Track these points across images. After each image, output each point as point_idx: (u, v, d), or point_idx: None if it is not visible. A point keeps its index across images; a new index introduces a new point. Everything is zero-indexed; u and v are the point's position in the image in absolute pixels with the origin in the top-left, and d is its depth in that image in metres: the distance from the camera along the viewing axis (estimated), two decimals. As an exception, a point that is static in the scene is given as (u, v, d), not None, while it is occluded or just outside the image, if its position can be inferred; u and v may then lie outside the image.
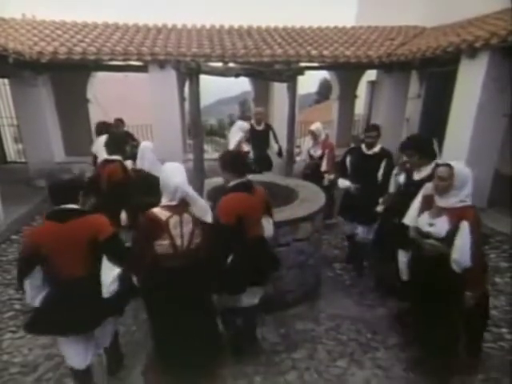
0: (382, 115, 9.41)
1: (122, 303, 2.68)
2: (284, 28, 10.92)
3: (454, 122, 6.85)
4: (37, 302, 2.39)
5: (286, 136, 5.14)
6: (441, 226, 2.77)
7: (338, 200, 5.40)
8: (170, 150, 8.29)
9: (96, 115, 11.50)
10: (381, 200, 4.23)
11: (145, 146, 4.49)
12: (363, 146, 4.54)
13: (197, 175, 3.72)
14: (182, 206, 2.61)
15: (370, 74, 10.94)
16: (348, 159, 4.71)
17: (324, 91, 31.33)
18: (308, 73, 6.07)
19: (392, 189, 4.11)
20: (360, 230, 4.67)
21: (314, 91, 38.52)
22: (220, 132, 30.45)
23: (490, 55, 6.07)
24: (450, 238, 2.70)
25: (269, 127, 6.59)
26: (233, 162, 2.99)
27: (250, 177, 3.33)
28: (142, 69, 8.62)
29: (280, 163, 6.62)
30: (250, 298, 3.07)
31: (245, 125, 6.06)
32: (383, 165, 4.35)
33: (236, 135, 5.96)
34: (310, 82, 16.06)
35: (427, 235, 2.88)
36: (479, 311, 2.96)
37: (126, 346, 3.43)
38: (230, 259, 2.80)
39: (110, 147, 4.24)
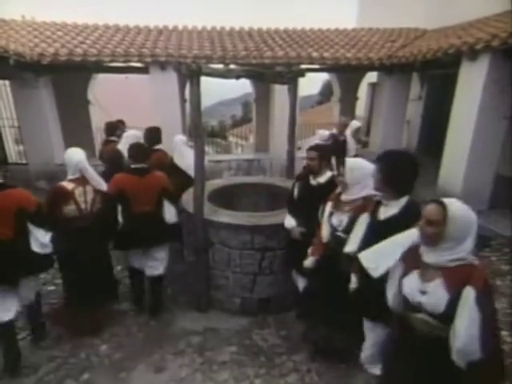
0: (383, 117, 9.41)
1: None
2: (285, 30, 10.92)
3: (454, 124, 6.84)
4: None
5: (287, 138, 5.15)
6: (437, 294, 1.85)
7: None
8: (170, 150, 8.30)
9: (97, 117, 11.52)
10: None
11: (179, 139, 5.23)
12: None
13: (197, 177, 3.72)
14: (84, 180, 3.39)
15: (371, 76, 10.95)
16: (296, 189, 3.62)
17: (327, 92, 31.33)
18: (310, 74, 6.10)
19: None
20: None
21: (316, 93, 38.60)
22: (221, 133, 30.47)
23: (490, 57, 6.07)
24: (450, 314, 1.80)
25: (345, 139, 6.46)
26: (131, 151, 3.75)
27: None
28: (143, 70, 8.63)
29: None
30: (138, 261, 3.86)
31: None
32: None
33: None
34: (311, 83, 16.05)
35: (417, 308, 1.96)
36: None
37: (126, 347, 3.45)
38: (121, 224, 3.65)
39: (152, 139, 5.19)
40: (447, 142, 6.98)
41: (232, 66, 8.21)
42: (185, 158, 4.84)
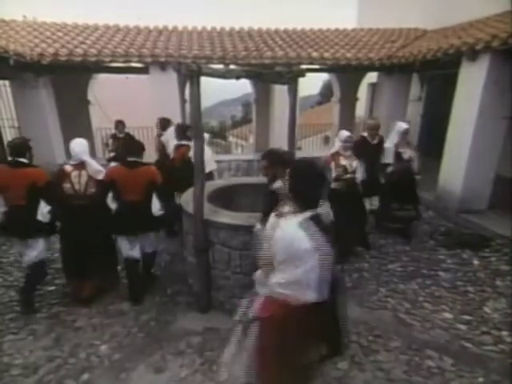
0: (383, 117, 9.37)
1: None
2: (285, 30, 10.92)
3: (454, 124, 6.85)
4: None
5: (287, 138, 5.14)
6: None
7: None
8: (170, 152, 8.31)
9: (97, 117, 11.52)
10: None
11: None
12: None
13: (197, 177, 3.72)
14: (82, 166, 3.93)
15: (371, 77, 10.95)
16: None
17: (327, 93, 31.31)
18: (310, 74, 6.09)
19: None
20: None
21: (316, 93, 38.56)
22: (221, 134, 30.49)
23: (490, 58, 6.07)
24: None
25: (382, 141, 5.86)
26: (125, 146, 4.49)
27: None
28: (143, 71, 8.64)
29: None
30: (126, 249, 4.14)
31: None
32: None
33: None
34: (312, 83, 16.07)
35: None
36: None
37: (126, 348, 3.45)
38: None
39: (180, 135, 5.71)
40: (447, 142, 6.98)
41: (232, 67, 8.22)
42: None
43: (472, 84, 6.39)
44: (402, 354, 3.37)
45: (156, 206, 4.11)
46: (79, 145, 4.01)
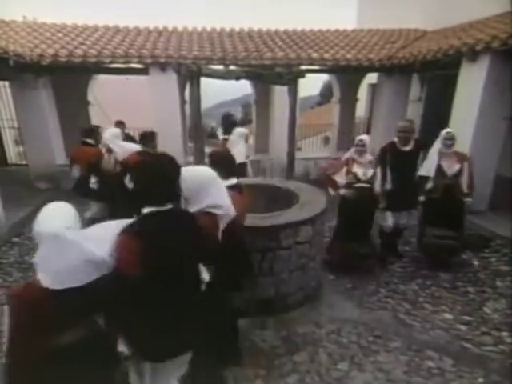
0: (383, 118, 9.42)
1: None
2: (285, 31, 10.93)
3: (454, 124, 6.84)
4: None
5: (287, 138, 5.16)
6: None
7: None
8: (170, 152, 8.28)
9: (97, 118, 11.51)
10: None
11: (241, 132, 6.69)
12: None
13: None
14: (110, 151, 4.94)
15: (371, 77, 10.95)
16: None
17: (327, 93, 31.29)
18: (310, 75, 6.09)
19: None
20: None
21: (316, 93, 38.53)
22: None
23: (490, 58, 6.07)
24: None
25: (419, 147, 4.82)
26: (144, 137, 4.99)
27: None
28: (143, 71, 8.63)
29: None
30: None
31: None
32: None
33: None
34: (311, 84, 16.05)
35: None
36: None
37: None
38: None
39: (227, 130, 6.48)
40: (447, 142, 6.98)
41: (232, 67, 8.22)
42: (235, 147, 6.09)
43: (472, 84, 6.40)
44: (402, 355, 3.37)
45: None
46: (108, 133, 5.05)
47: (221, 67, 8.13)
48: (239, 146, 6.32)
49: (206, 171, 2.42)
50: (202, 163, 3.78)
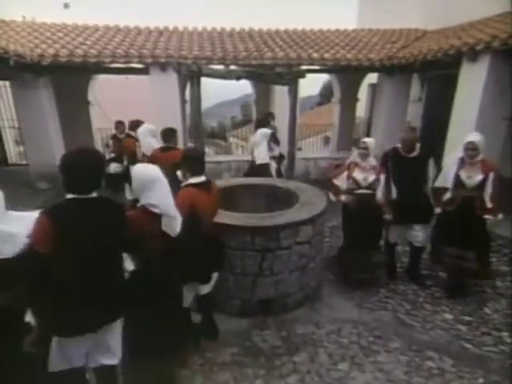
0: (383, 118, 9.42)
1: None
2: (285, 31, 10.93)
3: (455, 124, 6.84)
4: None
5: (287, 138, 5.16)
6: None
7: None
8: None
9: (97, 117, 11.52)
10: None
11: (264, 132, 6.34)
12: None
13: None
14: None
15: (371, 77, 10.94)
16: None
17: (326, 93, 31.30)
18: (310, 75, 6.09)
19: None
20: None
21: (316, 94, 38.53)
22: (221, 134, 30.47)
23: (491, 58, 6.07)
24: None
25: (426, 154, 4.34)
26: (165, 133, 4.78)
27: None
28: (144, 71, 8.63)
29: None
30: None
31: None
32: None
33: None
34: (311, 84, 16.04)
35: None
36: None
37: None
38: None
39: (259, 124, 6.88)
40: (448, 142, 6.98)
41: (232, 67, 8.22)
42: (257, 148, 6.26)
43: (472, 84, 6.39)
44: (403, 355, 3.37)
45: None
46: (141, 128, 5.61)
47: (221, 67, 8.12)
48: (261, 147, 6.30)
49: (149, 172, 2.58)
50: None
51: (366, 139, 4.43)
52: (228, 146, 25.67)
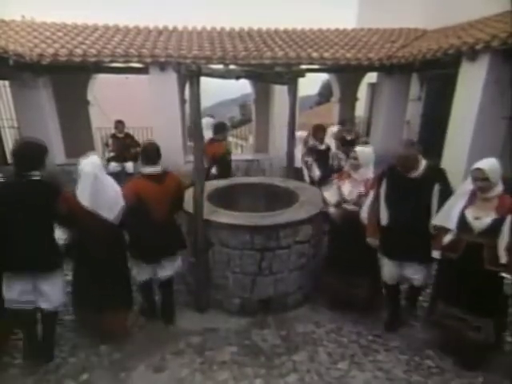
0: (383, 117, 9.41)
1: None
2: (285, 30, 10.92)
3: (454, 124, 6.85)
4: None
5: (287, 138, 5.15)
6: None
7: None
8: (170, 151, 8.28)
9: (96, 117, 11.51)
10: None
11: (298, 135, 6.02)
12: None
13: (197, 177, 3.72)
14: None
15: (371, 77, 10.96)
16: None
17: (326, 93, 31.25)
18: (309, 74, 6.08)
19: None
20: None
21: (315, 93, 38.48)
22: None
23: (490, 57, 6.08)
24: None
25: (433, 175, 3.40)
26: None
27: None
28: (143, 71, 8.63)
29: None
30: None
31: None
32: None
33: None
34: (310, 84, 16.04)
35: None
36: None
37: (126, 347, 3.44)
38: None
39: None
40: (447, 142, 6.98)
41: (232, 67, 8.21)
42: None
43: (472, 84, 6.40)
44: (402, 354, 3.37)
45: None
46: (203, 120, 4.97)
47: (221, 66, 8.12)
48: (295, 151, 5.81)
49: (86, 166, 3.16)
50: (202, 163, 3.78)
51: (358, 148, 3.84)
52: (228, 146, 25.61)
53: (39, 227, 2.96)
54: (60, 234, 3.15)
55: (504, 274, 2.84)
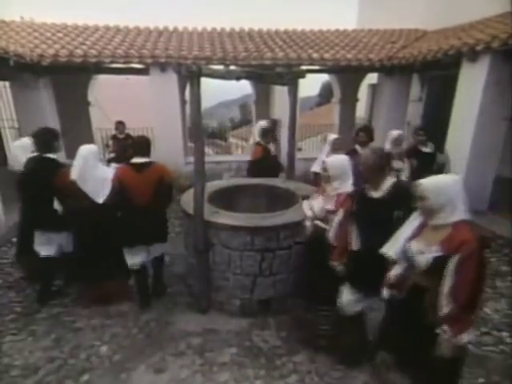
0: (383, 118, 9.41)
1: None
2: (285, 31, 10.93)
3: (455, 125, 6.85)
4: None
5: (287, 139, 5.15)
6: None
7: None
8: (171, 152, 8.30)
9: (97, 118, 11.52)
10: None
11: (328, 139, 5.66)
12: None
13: (198, 178, 3.72)
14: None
15: (371, 77, 10.95)
16: None
17: (326, 94, 31.29)
18: (309, 75, 6.08)
19: None
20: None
21: (315, 94, 38.53)
22: (221, 134, 30.46)
23: (491, 58, 6.08)
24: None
25: (399, 195, 2.73)
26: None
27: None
28: (144, 72, 8.64)
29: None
30: None
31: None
32: None
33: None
34: (310, 84, 16.05)
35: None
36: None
37: (126, 348, 3.45)
38: None
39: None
40: (447, 143, 6.98)
41: (232, 67, 8.22)
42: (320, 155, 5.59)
43: (472, 85, 6.40)
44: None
45: None
46: (257, 125, 5.83)
47: (221, 67, 8.13)
48: (321, 155, 5.42)
49: (82, 150, 3.80)
50: (202, 163, 3.78)
51: (328, 158, 3.39)
52: (228, 146, 25.67)
53: (42, 196, 3.84)
54: (56, 205, 3.88)
55: (439, 331, 2.23)
